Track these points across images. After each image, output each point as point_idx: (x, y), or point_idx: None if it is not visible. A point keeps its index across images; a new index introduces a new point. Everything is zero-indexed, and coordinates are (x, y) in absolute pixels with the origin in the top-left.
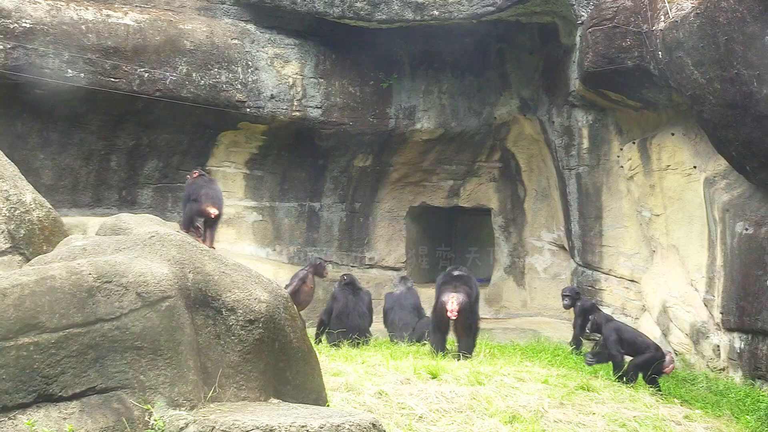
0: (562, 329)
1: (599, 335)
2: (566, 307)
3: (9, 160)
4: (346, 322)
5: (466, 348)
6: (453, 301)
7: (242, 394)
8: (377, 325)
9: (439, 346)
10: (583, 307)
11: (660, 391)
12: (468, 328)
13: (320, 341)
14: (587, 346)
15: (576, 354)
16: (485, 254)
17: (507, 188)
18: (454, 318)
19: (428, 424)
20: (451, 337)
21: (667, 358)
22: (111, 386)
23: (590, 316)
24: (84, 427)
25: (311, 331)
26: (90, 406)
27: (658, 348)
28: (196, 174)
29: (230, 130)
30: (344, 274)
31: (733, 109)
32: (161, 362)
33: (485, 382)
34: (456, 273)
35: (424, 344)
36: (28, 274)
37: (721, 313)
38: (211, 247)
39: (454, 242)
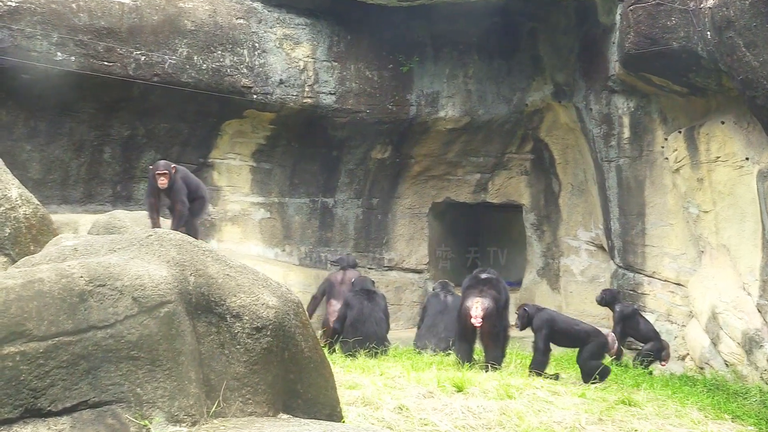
0: None
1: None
2: (598, 301)
3: None
4: (362, 330)
5: (494, 358)
6: (477, 307)
7: (249, 409)
8: (396, 333)
9: (465, 357)
10: (623, 313)
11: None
12: (495, 336)
13: (334, 351)
14: (628, 354)
15: (616, 364)
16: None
17: (540, 182)
18: (479, 325)
19: None
20: (479, 347)
21: (609, 339)
22: (105, 400)
23: (525, 308)
24: None
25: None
26: (82, 421)
27: (599, 333)
28: (174, 169)
29: (235, 119)
30: (356, 278)
31: None
32: (160, 374)
33: (516, 395)
34: (483, 276)
35: (449, 354)
36: (14, 277)
37: None
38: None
39: (480, 241)
